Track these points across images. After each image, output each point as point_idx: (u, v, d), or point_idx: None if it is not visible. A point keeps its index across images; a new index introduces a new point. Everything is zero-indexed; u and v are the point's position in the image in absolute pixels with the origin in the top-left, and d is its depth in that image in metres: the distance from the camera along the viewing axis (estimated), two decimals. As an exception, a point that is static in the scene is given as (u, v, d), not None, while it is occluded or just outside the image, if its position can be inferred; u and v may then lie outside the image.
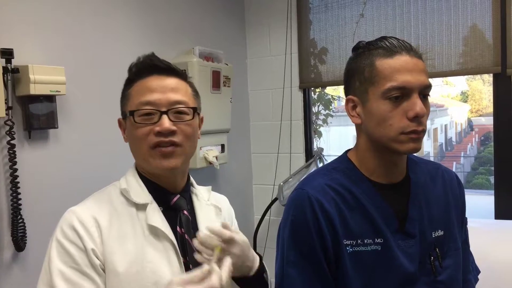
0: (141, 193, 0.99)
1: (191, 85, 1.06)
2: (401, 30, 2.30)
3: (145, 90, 0.97)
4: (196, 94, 1.07)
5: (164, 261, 0.94)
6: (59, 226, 0.94)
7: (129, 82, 1.02)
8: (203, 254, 0.89)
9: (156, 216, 0.97)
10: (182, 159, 0.98)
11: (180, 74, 1.03)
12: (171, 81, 1.00)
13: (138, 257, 0.93)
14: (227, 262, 0.86)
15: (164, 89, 0.98)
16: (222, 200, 1.19)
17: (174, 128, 0.95)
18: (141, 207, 0.98)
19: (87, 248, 0.90)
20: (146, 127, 0.95)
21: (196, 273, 0.82)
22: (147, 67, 1.00)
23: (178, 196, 1.02)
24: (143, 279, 0.91)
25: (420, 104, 0.93)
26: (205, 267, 0.84)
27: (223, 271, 0.83)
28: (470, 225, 1.18)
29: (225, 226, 0.92)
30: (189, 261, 0.98)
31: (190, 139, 1.00)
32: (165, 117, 0.95)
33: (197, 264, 0.97)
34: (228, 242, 0.91)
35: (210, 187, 1.16)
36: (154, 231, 0.96)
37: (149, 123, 0.95)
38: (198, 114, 1.04)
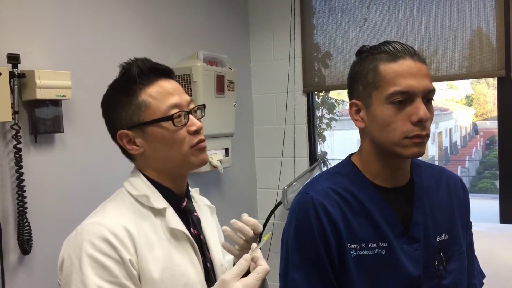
0: (158, 199, 0.99)
1: None
2: (404, 34, 2.30)
3: (165, 94, 0.97)
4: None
5: (188, 262, 0.96)
6: (85, 240, 0.87)
7: (132, 91, 0.96)
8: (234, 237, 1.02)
9: (176, 219, 0.98)
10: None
11: (175, 76, 1.05)
12: (176, 83, 1.02)
13: (168, 262, 0.93)
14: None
15: (178, 91, 1.00)
16: (206, 201, 1.22)
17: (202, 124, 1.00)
18: (158, 212, 0.98)
19: (125, 259, 0.87)
20: (183, 129, 0.97)
21: (241, 264, 0.85)
22: (153, 71, 0.99)
23: (187, 199, 1.05)
24: (175, 283, 0.92)
25: (424, 108, 0.93)
26: (246, 256, 0.87)
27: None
28: (475, 229, 1.17)
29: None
30: (206, 259, 1.01)
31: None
32: (191, 116, 0.99)
33: (210, 262, 1.03)
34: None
35: (198, 189, 1.18)
36: (174, 234, 0.97)
37: (181, 125, 0.97)
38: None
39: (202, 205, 1.13)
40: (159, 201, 0.98)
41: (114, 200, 0.99)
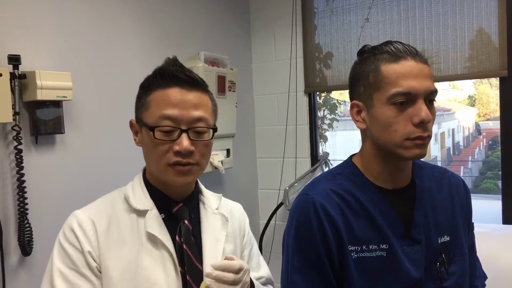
0: (142, 200, 1.00)
1: (211, 96, 1.03)
2: (406, 34, 2.29)
3: (166, 103, 0.94)
4: (215, 107, 1.04)
5: (159, 268, 0.94)
6: (62, 228, 0.98)
7: (149, 88, 0.98)
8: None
9: (154, 224, 0.97)
10: (196, 175, 1.00)
11: (203, 86, 1.00)
12: (193, 96, 0.96)
13: (133, 264, 0.94)
14: None
15: (186, 105, 0.94)
16: (235, 209, 1.17)
17: (192, 148, 0.94)
18: (141, 213, 0.98)
19: (84, 250, 0.93)
20: (165, 145, 0.94)
21: None
22: (171, 77, 0.96)
23: (181, 205, 1.02)
24: (136, 286, 0.92)
25: (426, 109, 0.92)
26: None
27: None
28: (478, 230, 1.16)
29: (229, 259, 0.95)
30: (186, 271, 0.97)
31: (206, 157, 1.00)
32: (184, 135, 0.94)
33: (194, 275, 0.97)
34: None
35: (221, 195, 1.15)
36: (152, 238, 0.96)
37: (168, 140, 0.94)
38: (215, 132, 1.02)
39: (211, 213, 1.07)
40: (142, 202, 0.99)
41: (105, 196, 1.04)
